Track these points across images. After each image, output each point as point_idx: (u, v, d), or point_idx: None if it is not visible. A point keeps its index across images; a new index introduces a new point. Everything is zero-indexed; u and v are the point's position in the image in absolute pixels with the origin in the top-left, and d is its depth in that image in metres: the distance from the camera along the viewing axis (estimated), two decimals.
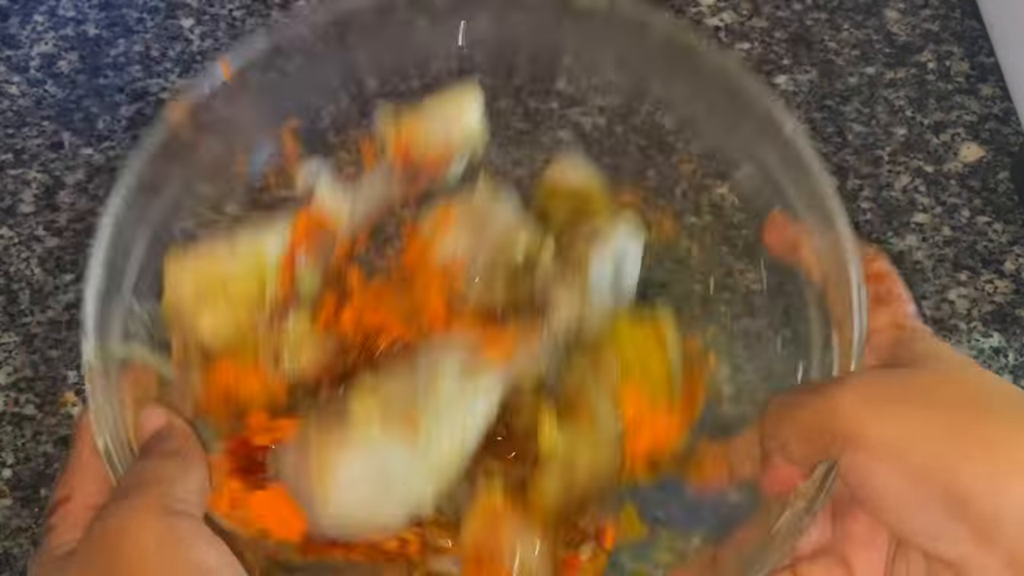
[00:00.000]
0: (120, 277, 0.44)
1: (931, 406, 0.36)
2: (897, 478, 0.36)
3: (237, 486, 0.43)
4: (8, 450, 0.58)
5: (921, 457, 0.35)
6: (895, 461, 0.36)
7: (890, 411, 0.36)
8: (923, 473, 0.35)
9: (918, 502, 0.35)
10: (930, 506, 0.35)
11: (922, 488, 0.35)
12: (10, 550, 0.55)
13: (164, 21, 0.77)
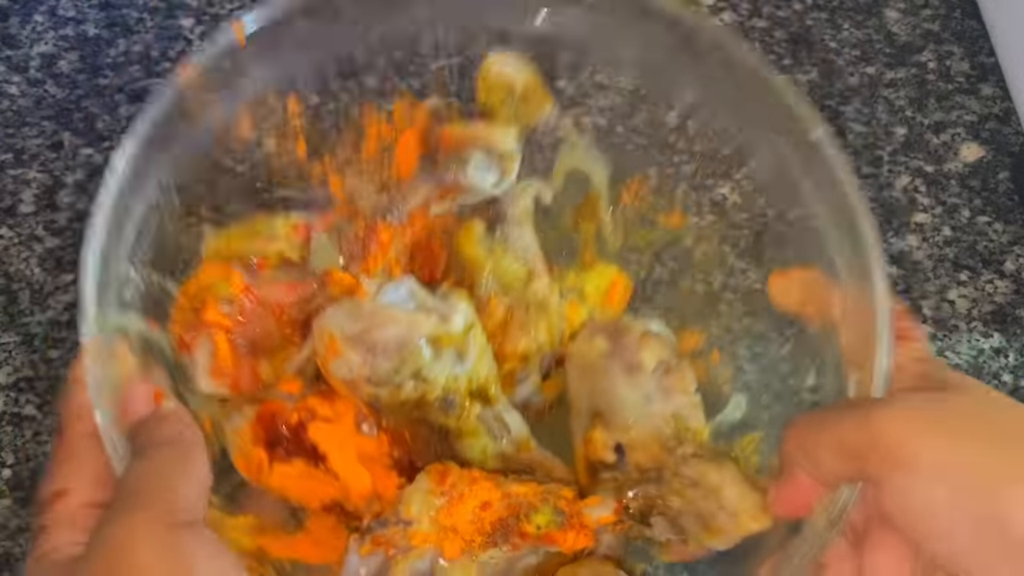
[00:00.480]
0: (118, 243, 0.42)
1: (972, 430, 0.37)
2: (940, 498, 0.36)
3: (263, 456, 0.43)
4: (8, 450, 0.58)
5: (964, 479, 0.36)
6: (939, 482, 0.36)
7: (934, 433, 0.37)
8: (965, 495, 0.35)
9: (959, 523, 0.36)
10: (976, 531, 0.35)
11: (963, 509, 0.35)
12: (10, 550, 0.55)
13: (164, 21, 0.77)
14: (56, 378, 0.61)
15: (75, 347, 0.62)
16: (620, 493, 0.44)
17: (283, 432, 0.43)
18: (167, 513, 0.35)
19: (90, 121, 0.71)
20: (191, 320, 0.45)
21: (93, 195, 0.67)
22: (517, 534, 0.42)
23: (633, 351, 0.48)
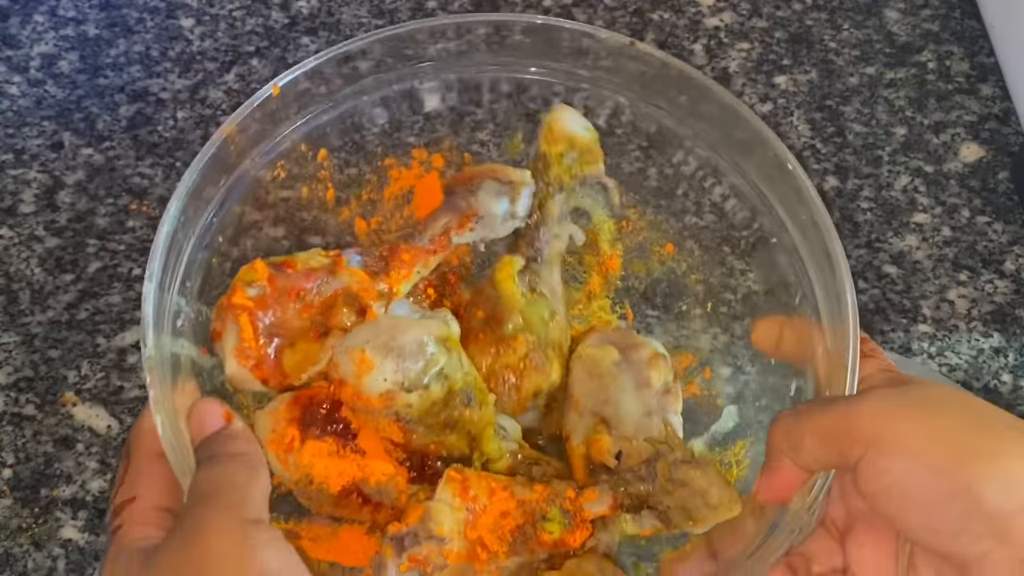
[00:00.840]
0: (172, 278, 0.48)
1: (944, 413, 0.39)
2: (918, 477, 0.38)
3: (295, 434, 0.47)
4: (8, 450, 0.58)
5: (940, 457, 0.37)
6: (916, 461, 0.38)
7: (908, 416, 0.39)
8: (942, 472, 0.37)
9: (938, 500, 0.37)
10: (949, 503, 0.37)
11: (942, 486, 0.37)
12: (10, 550, 0.55)
13: (164, 21, 0.77)
14: (56, 378, 0.61)
15: (75, 347, 0.62)
16: (615, 490, 0.47)
17: (318, 410, 0.47)
18: (237, 509, 0.38)
19: (90, 121, 0.71)
20: (222, 308, 0.49)
21: (93, 195, 0.67)
22: (536, 542, 0.46)
23: (644, 368, 0.51)
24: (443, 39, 0.57)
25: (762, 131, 0.52)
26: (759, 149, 0.53)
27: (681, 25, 0.78)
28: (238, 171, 0.53)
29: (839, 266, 0.48)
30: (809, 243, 0.51)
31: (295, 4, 0.78)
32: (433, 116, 0.61)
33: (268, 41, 0.76)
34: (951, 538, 0.37)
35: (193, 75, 0.74)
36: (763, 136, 0.52)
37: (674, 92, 0.56)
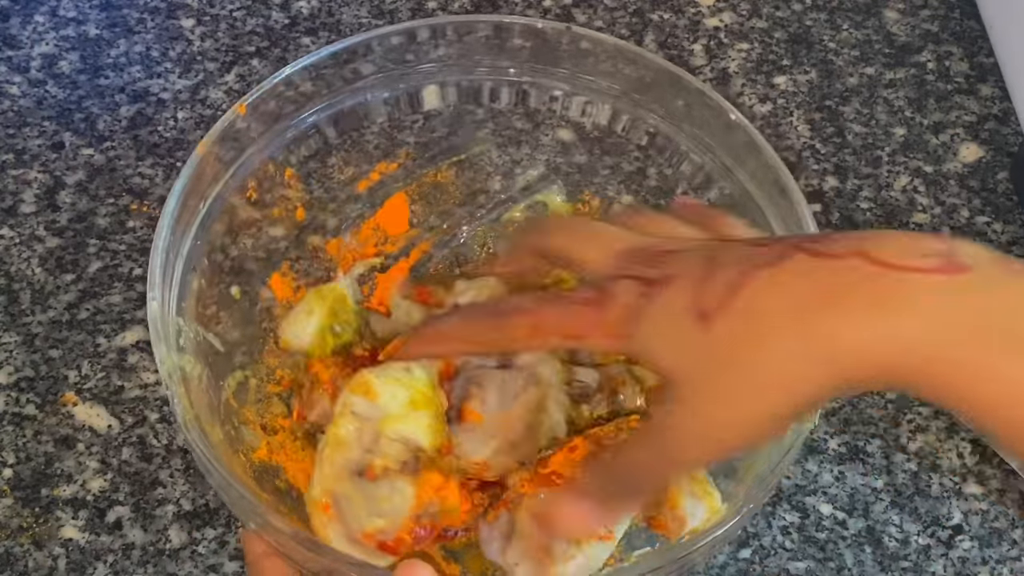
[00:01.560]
0: (168, 297, 0.49)
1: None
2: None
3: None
4: (9, 450, 0.58)
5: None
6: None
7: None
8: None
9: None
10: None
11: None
12: (11, 549, 0.56)
13: (164, 21, 0.77)
14: (56, 378, 0.61)
15: (75, 347, 0.62)
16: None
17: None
18: None
19: (91, 121, 0.71)
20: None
21: (94, 195, 0.67)
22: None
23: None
24: (443, 40, 0.57)
25: (755, 138, 0.53)
26: (752, 155, 0.53)
27: (681, 25, 0.78)
28: (214, 192, 0.53)
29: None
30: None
31: (295, 4, 0.78)
32: (433, 115, 0.61)
33: (268, 41, 0.76)
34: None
35: (193, 75, 0.74)
36: (756, 143, 0.52)
37: (669, 95, 0.56)
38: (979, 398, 0.33)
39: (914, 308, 0.33)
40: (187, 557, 0.56)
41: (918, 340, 0.33)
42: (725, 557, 0.57)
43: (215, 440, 0.48)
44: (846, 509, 0.59)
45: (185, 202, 0.51)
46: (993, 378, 0.33)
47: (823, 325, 0.34)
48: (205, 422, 0.48)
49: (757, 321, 0.36)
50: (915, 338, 0.33)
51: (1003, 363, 0.33)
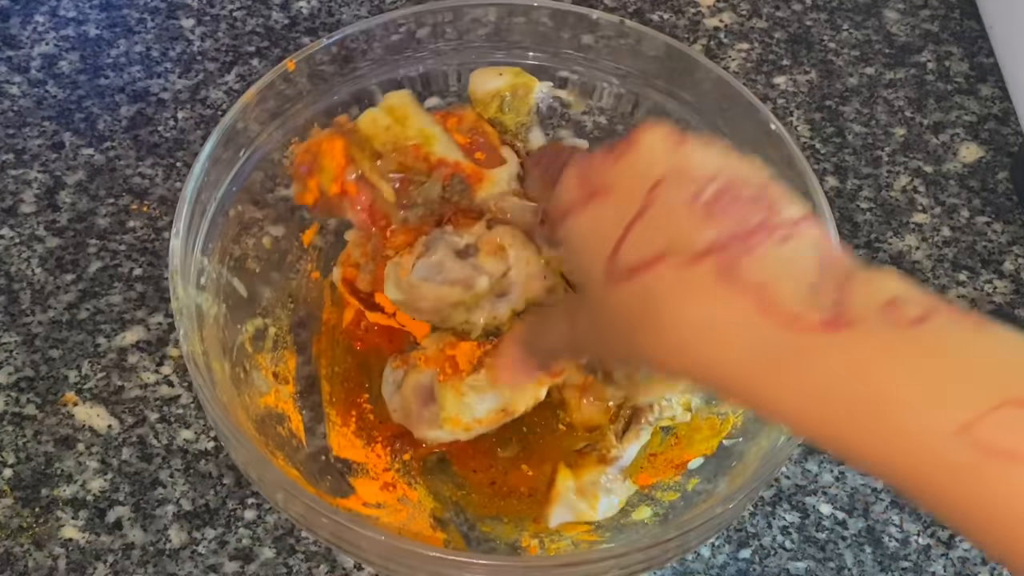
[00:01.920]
0: (195, 237, 0.52)
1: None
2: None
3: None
4: (9, 450, 0.58)
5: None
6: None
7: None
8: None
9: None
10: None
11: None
12: (11, 549, 0.56)
13: (164, 21, 0.77)
14: (56, 378, 0.61)
15: (75, 347, 0.62)
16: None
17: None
18: None
19: (91, 121, 0.71)
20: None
21: (94, 195, 0.67)
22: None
23: None
24: (443, 26, 0.59)
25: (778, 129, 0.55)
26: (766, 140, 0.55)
27: (681, 25, 0.78)
28: (255, 143, 0.56)
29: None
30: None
31: (295, 4, 0.78)
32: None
33: (268, 41, 0.76)
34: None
35: (194, 75, 0.74)
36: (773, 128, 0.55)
37: (678, 76, 0.57)
38: (852, 442, 0.35)
39: (780, 369, 0.35)
40: (187, 557, 0.56)
41: (782, 397, 0.35)
42: (725, 557, 0.57)
43: (220, 377, 0.51)
44: (846, 509, 0.59)
45: (225, 144, 0.54)
46: (851, 444, 0.34)
47: (701, 355, 0.37)
48: (214, 358, 0.51)
49: (649, 312, 0.37)
50: (780, 395, 0.35)
51: (855, 434, 0.34)
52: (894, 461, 0.34)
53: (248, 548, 0.56)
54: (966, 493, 0.33)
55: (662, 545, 0.46)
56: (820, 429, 0.35)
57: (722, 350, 0.36)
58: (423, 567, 0.46)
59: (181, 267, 0.50)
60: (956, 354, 0.34)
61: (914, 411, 0.33)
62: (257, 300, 0.57)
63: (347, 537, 0.46)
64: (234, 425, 0.47)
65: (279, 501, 0.48)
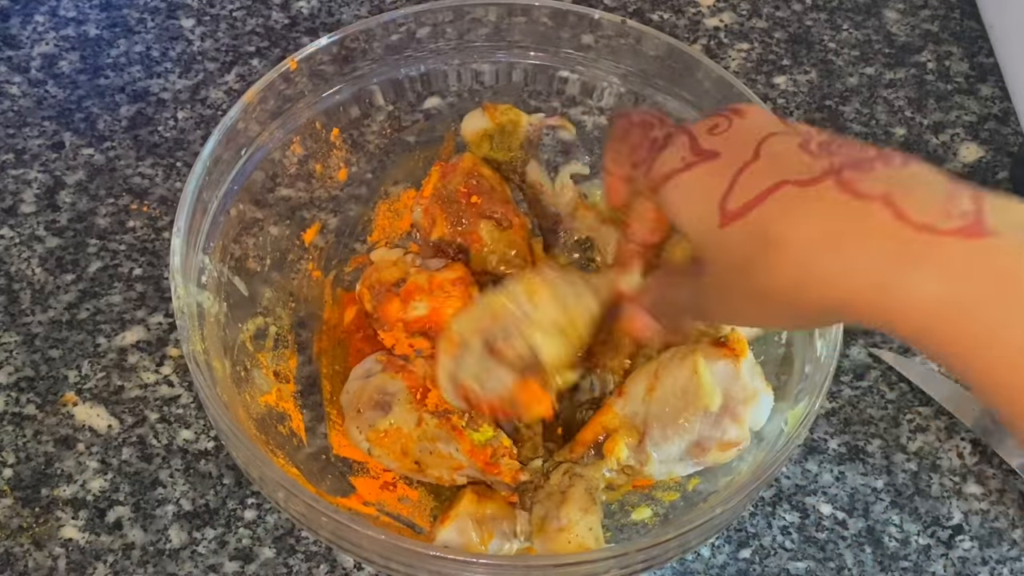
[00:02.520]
0: (196, 236, 0.53)
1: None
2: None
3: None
4: (9, 449, 0.58)
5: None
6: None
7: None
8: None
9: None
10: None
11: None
12: (11, 549, 0.56)
13: (164, 21, 0.77)
14: (57, 378, 0.61)
15: (75, 347, 0.62)
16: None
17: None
18: None
19: (91, 121, 0.71)
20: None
21: (94, 195, 0.67)
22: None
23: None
24: (444, 25, 0.59)
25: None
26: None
27: (681, 25, 0.78)
28: (256, 142, 0.56)
29: None
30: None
31: (295, 4, 0.78)
32: (433, 113, 0.62)
33: (268, 41, 0.76)
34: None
35: (193, 75, 0.74)
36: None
37: (676, 74, 0.58)
38: (979, 361, 0.34)
39: (918, 269, 0.34)
40: (187, 557, 0.56)
41: (918, 299, 0.34)
42: (725, 557, 0.57)
43: (220, 376, 0.51)
44: (846, 509, 0.59)
45: (226, 143, 0.54)
46: (993, 343, 0.34)
47: (826, 269, 0.36)
48: (214, 356, 0.51)
49: (766, 240, 0.37)
50: (915, 296, 0.34)
51: (1004, 329, 0.33)
52: (1012, 380, 0.33)
53: (248, 548, 0.56)
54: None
55: (662, 545, 0.46)
56: (939, 342, 0.34)
57: (853, 259, 0.35)
58: (423, 566, 0.46)
59: (182, 266, 0.50)
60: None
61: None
62: (258, 299, 0.57)
63: (347, 536, 0.46)
64: (235, 424, 0.47)
65: (280, 500, 0.48)
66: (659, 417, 0.51)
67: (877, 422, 0.62)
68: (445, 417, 0.52)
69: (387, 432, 0.52)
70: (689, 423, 0.51)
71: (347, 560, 0.56)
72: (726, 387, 0.51)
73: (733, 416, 0.51)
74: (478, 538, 0.51)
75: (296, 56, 0.56)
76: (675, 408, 0.51)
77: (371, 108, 0.60)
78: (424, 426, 0.52)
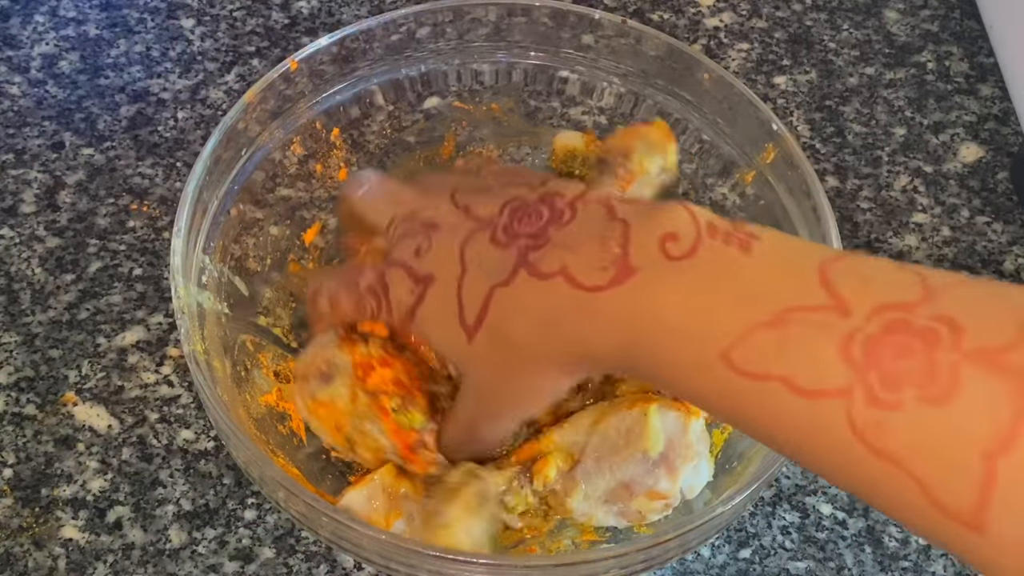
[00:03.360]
0: (196, 236, 0.53)
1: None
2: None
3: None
4: (9, 450, 0.58)
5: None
6: None
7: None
8: None
9: None
10: None
11: None
12: (11, 549, 0.56)
13: (164, 21, 0.77)
14: (56, 378, 0.61)
15: (75, 347, 0.62)
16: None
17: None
18: None
19: (91, 121, 0.71)
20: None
21: (94, 195, 0.67)
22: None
23: None
24: (445, 25, 0.59)
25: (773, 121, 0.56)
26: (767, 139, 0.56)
27: (681, 25, 0.78)
28: (256, 142, 0.56)
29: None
30: (809, 229, 0.53)
31: (295, 4, 0.78)
32: (433, 113, 0.62)
33: (268, 41, 0.76)
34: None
35: (194, 75, 0.74)
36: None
37: (679, 74, 0.58)
38: (660, 375, 0.39)
39: (597, 327, 0.40)
40: (187, 557, 0.56)
41: (605, 352, 0.40)
42: (725, 557, 0.57)
43: (220, 376, 0.51)
44: (846, 509, 0.59)
45: (227, 143, 0.54)
46: (659, 369, 0.39)
47: (551, 343, 0.42)
48: (215, 357, 0.51)
49: (505, 340, 0.43)
50: (603, 350, 0.40)
51: (660, 349, 0.39)
52: (685, 390, 0.39)
53: (248, 548, 0.56)
54: (737, 413, 0.37)
55: (662, 545, 0.46)
56: (641, 373, 0.40)
57: (562, 333, 0.41)
58: (423, 566, 0.46)
59: (182, 266, 0.50)
60: (717, 282, 0.38)
61: (685, 342, 0.37)
62: (258, 299, 0.57)
63: (348, 536, 0.46)
64: (235, 424, 0.47)
65: (280, 500, 0.48)
66: (597, 449, 0.50)
67: None
68: (376, 397, 0.52)
69: (324, 404, 0.52)
70: (625, 462, 0.50)
71: (347, 560, 0.56)
72: (671, 437, 0.50)
73: (670, 468, 0.50)
74: (384, 512, 0.51)
75: (296, 56, 0.56)
76: (615, 444, 0.50)
77: (371, 108, 0.60)
78: (357, 403, 0.52)
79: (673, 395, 0.45)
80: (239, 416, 0.50)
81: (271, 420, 0.54)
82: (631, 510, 0.51)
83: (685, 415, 0.50)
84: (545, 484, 0.51)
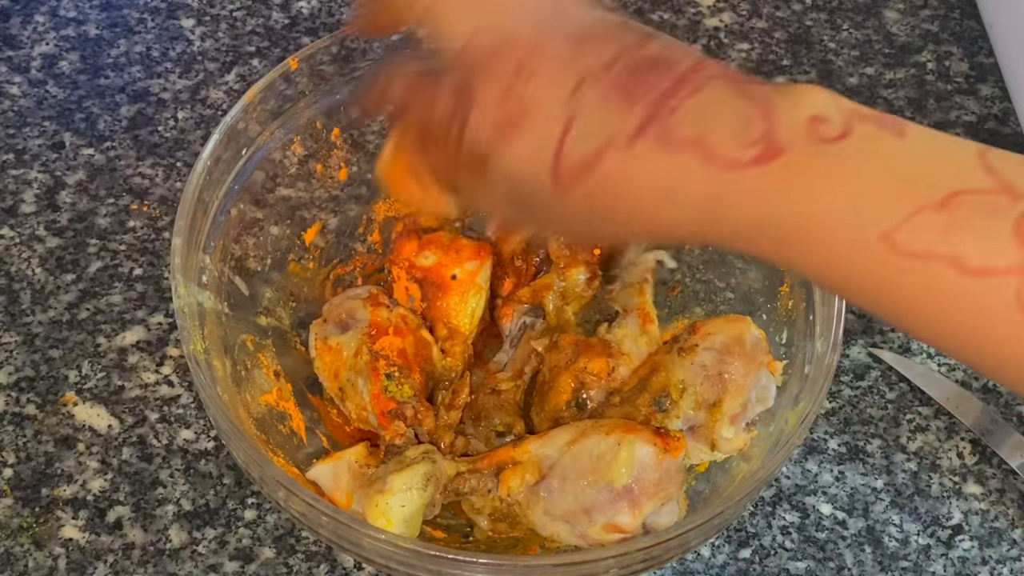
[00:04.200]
0: (197, 237, 0.53)
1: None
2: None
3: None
4: (9, 449, 0.59)
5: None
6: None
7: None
8: None
9: None
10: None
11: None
12: (11, 549, 0.56)
13: (164, 21, 0.77)
14: (57, 378, 0.61)
15: (76, 347, 0.62)
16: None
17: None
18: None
19: (91, 121, 0.71)
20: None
21: (94, 195, 0.67)
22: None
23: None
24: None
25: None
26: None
27: (681, 25, 0.78)
28: (257, 142, 0.56)
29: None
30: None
31: (295, 4, 0.78)
32: None
33: (268, 41, 0.76)
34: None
35: (194, 75, 0.74)
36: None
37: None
38: (803, 259, 0.38)
39: (730, 205, 0.38)
40: (187, 557, 0.56)
41: (733, 229, 0.39)
42: (725, 557, 0.57)
43: (220, 375, 0.51)
44: (846, 509, 0.59)
45: (227, 143, 0.54)
46: (808, 246, 0.38)
47: (656, 218, 0.40)
48: (215, 356, 0.51)
49: (608, 201, 0.40)
50: (731, 228, 0.39)
51: (810, 231, 0.37)
52: (832, 274, 0.38)
53: (248, 548, 0.56)
54: (891, 295, 0.37)
55: (662, 545, 0.46)
56: (771, 254, 0.39)
57: (678, 208, 0.39)
58: (423, 566, 0.46)
59: (182, 266, 0.50)
60: (876, 165, 0.36)
61: (840, 226, 0.36)
62: (258, 299, 0.57)
63: (347, 536, 0.46)
64: (235, 423, 0.47)
65: (280, 500, 0.48)
66: (566, 468, 0.50)
67: (877, 422, 0.62)
68: (376, 359, 0.53)
69: (332, 349, 0.54)
70: (589, 487, 0.49)
71: (347, 560, 0.56)
72: (642, 472, 0.49)
73: (633, 503, 0.49)
74: (346, 490, 0.51)
75: (296, 56, 0.56)
76: (584, 468, 0.50)
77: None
78: (359, 359, 0.53)
79: (811, 278, 0.42)
80: (239, 416, 0.50)
81: (271, 420, 0.54)
82: (589, 536, 0.50)
83: (661, 453, 0.50)
84: (509, 493, 0.51)
